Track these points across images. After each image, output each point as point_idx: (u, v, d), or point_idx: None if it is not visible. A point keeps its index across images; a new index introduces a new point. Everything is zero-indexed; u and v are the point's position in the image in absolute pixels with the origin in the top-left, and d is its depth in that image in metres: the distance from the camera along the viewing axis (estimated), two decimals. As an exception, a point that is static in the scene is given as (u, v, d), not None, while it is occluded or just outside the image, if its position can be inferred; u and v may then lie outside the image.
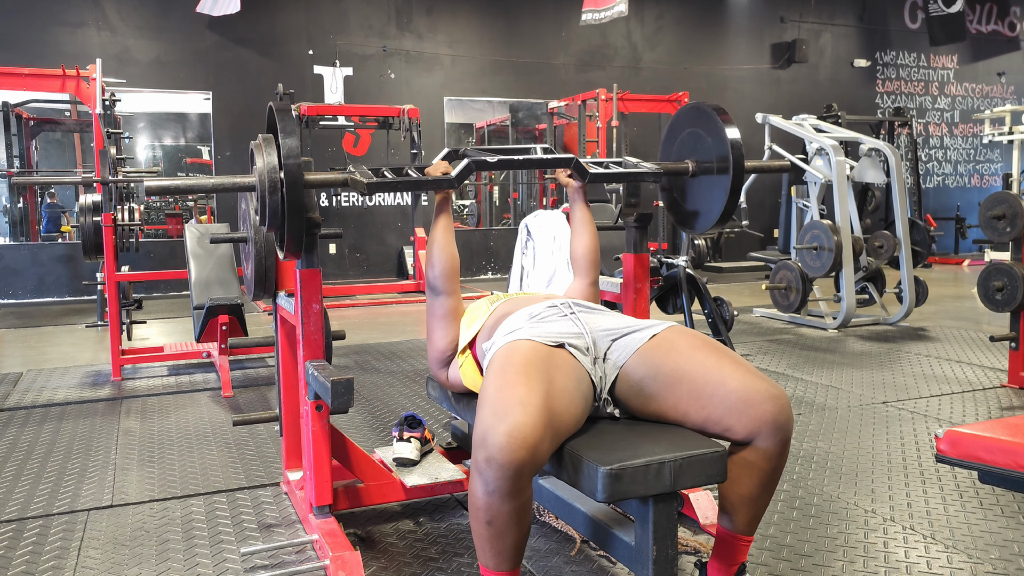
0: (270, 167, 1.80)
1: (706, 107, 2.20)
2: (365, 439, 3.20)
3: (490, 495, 1.46)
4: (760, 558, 2.10)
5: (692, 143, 2.25)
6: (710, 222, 2.21)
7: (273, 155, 1.81)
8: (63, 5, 8.21)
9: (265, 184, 1.79)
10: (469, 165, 1.99)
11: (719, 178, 2.14)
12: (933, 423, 3.33)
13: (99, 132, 4.48)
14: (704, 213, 2.24)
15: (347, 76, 9.27)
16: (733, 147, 2.09)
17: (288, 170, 1.79)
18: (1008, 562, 2.08)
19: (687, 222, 2.34)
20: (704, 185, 2.22)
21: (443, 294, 2.03)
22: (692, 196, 2.29)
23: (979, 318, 6.11)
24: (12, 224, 9.32)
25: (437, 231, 2.07)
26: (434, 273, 2.04)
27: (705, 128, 2.20)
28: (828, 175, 5.62)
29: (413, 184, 2.02)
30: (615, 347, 1.77)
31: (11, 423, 3.55)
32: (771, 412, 1.56)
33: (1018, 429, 1.72)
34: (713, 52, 11.11)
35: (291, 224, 1.82)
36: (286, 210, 1.81)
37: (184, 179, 1.86)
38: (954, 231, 11.80)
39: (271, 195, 1.80)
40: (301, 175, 1.80)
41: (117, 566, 2.12)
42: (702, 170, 2.21)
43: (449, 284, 2.03)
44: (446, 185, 2.00)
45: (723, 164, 2.13)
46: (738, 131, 2.12)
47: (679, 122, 2.32)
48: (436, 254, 2.04)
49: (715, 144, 2.15)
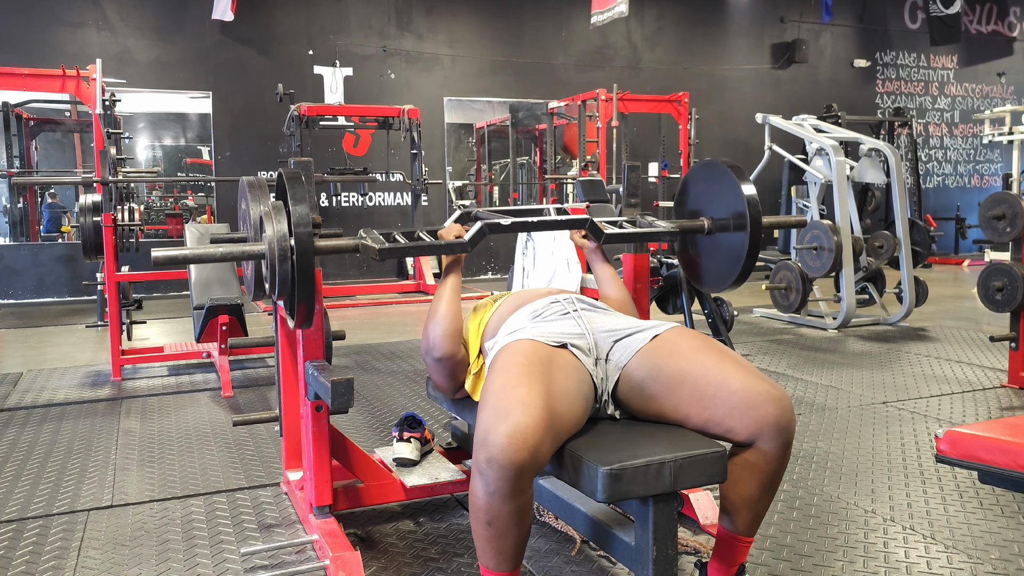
0: (280, 235, 1.75)
1: (720, 163, 2.13)
2: (365, 439, 3.20)
3: (491, 496, 1.45)
4: (760, 558, 2.10)
5: (707, 200, 2.18)
6: (728, 281, 2.13)
7: (283, 223, 1.77)
8: (63, 5, 8.21)
9: (275, 253, 1.75)
10: (482, 229, 1.95)
11: (736, 235, 2.07)
12: (933, 423, 3.33)
13: (99, 132, 4.48)
14: (722, 272, 2.15)
15: (347, 76, 9.27)
16: (750, 204, 2.02)
17: (299, 238, 1.74)
18: (1008, 562, 2.08)
19: (704, 281, 2.25)
20: (721, 243, 2.14)
21: (445, 357, 1.93)
22: (708, 254, 2.21)
23: (979, 318, 6.11)
24: (12, 224, 9.32)
25: (445, 292, 1.98)
26: (436, 333, 1.93)
27: (720, 185, 2.12)
28: (828, 175, 5.62)
29: (426, 248, 1.96)
30: (617, 348, 1.77)
31: (11, 423, 3.55)
32: (773, 414, 1.56)
33: (1018, 429, 1.72)
34: (713, 52, 11.11)
35: (302, 293, 1.79)
36: (297, 280, 1.77)
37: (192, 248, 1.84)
38: (954, 231, 11.80)
39: (281, 264, 1.75)
40: (312, 244, 1.75)
41: (117, 566, 2.12)
42: (718, 227, 2.13)
43: (451, 345, 1.93)
44: (459, 249, 1.95)
45: (740, 221, 2.05)
46: (754, 187, 2.05)
47: (693, 178, 2.25)
48: (442, 314, 1.93)
49: (731, 201, 2.08)
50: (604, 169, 7.88)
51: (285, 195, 1.82)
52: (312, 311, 1.85)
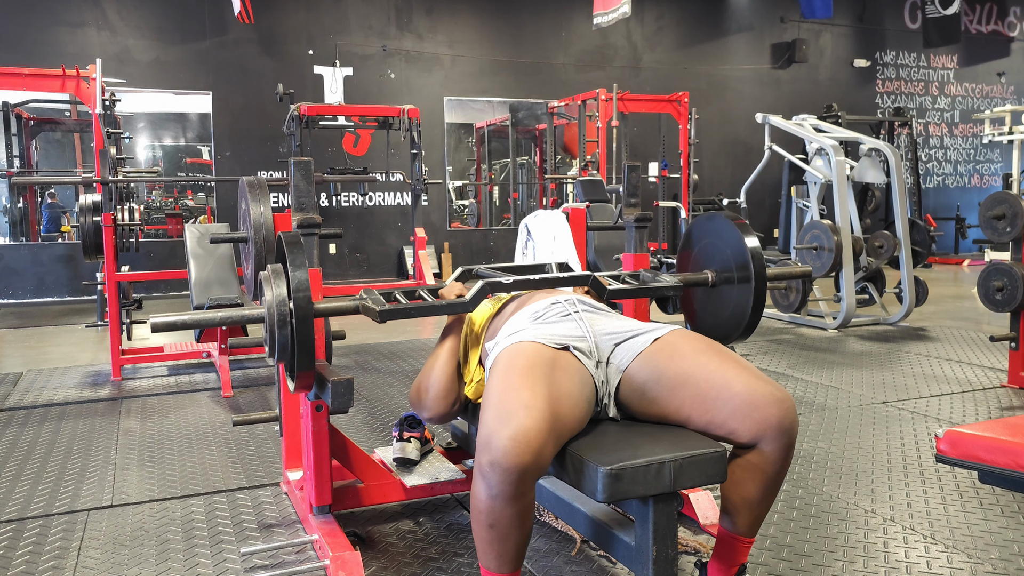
0: (279, 300, 1.76)
1: (722, 217, 2.13)
2: (365, 439, 3.20)
3: (493, 499, 1.45)
4: (760, 558, 2.10)
5: (710, 253, 2.17)
6: (735, 335, 2.12)
7: (283, 287, 1.78)
8: (63, 5, 8.21)
9: (274, 317, 1.76)
10: (484, 287, 1.94)
11: (741, 288, 2.06)
12: (933, 423, 3.33)
13: (99, 132, 4.48)
14: (727, 325, 2.14)
15: (347, 76, 9.27)
16: (754, 258, 2.01)
17: (297, 303, 1.76)
18: (1008, 562, 2.08)
19: (709, 334, 2.21)
20: (725, 296, 2.14)
21: (434, 418, 2.01)
22: (713, 308, 2.20)
23: (979, 318, 6.11)
24: (12, 224, 9.32)
25: (443, 352, 2.01)
26: (430, 395, 1.99)
27: (723, 238, 2.12)
28: (828, 175, 5.62)
29: (427, 310, 1.96)
30: (618, 351, 1.76)
31: (11, 423, 3.55)
32: (776, 416, 1.56)
33: (1018, 429, 1.72)
34: (713, 52, 11.11)
35: (300, 357, 1.80)
36: (296, 345, 1.78)
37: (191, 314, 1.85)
38: (954, 231, 11.81)
39: (280, 329, 1.77)
40: (311, 310, 1.77)
41: (117, 566, 2.12)
42: (722, 280, 2.13)
43: (443, 406, 1.99)
44: (460, 310, 1.96)
45: (744, 274, 2.04)
46: (757, 240, 2.04)
47: (696, 232, 2.25)
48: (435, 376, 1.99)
49: (734, 254, 2.08)
50: (604, 169, 7.88)
51: (284, 259, 1.83)
52: (312, 375, 1.86)
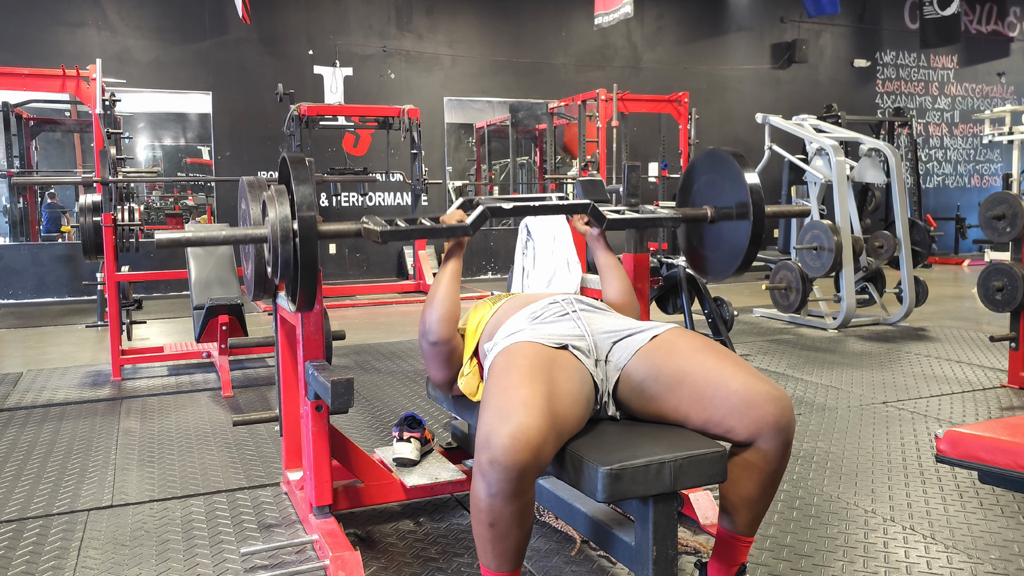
0: (283, 218, 1.77)
1: (723, 152, 2.14)
2: (365, 439, 3.20)
3: (493, 497, 1.45)
4: (760, 558, 2.10)
5: (710, 190, 2.18)
6: (731, 270, 2.13)
7: (286, 206, 1.78)
8: (63, 5, 8.21)
9: (278, 235, 1.76)
10: (484, 212, 1.96)
11: (739, 224, 2.07)
12: (933, 423, 3.33)
13: (99, 132, 4.48)
14: (725, 260, 2.16)
15: (347, 76, 9.27)
16: (753, 192, 2.02)
17: (302, 221, 1.76)
18: (1008, 562, 2.08)
19: (707, 269, 2.26)
20: (724, 232, 2.14)
21: (440, 342, 1.95)
22: (712, 243, 2.21)
23: (979, 318, 6.11)
24: (12, 224, 9.32)
25: (445, 276, 1.99)
26: (433, 317, 1.95)
27: (723, 174, 2.13)
28: (828, 175, 5.61)
29: (428, 231, 1.97)
30: (616, 349, 1.77)
31: (11, 423, 3.55)
32: (773, 414, 1.56)
33: (1018, 429, 1.72)
34: (713, 52, 11.10)
35: (304, 276, 1.80)
36: (299, 263, 1.78)
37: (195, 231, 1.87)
38: (954, 231, 11.80)
39: (283, 246, 1.77)
40: (315, 227, 1.77)
41: (117, 566, 2.12)
42: (721, 216, 2.14)
43: (448, 329, 1.95)
44: (461, 233, 1.96)
45: (743, 210, 2.06)
46: (757, 176, 2.05)
47: (696, 168, 2.25)
48: (439, 298, 1.96)
49: (734, 190, 2.08)
50: (604, 169, 7.88)
51: (289, 179, 1.83)
52: (313, 295, 1.86)
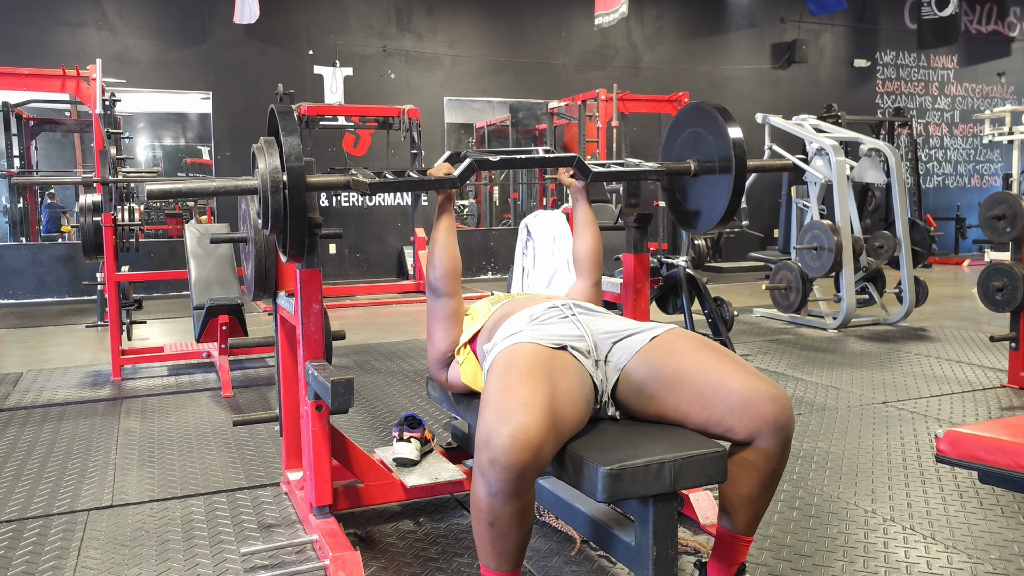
0: (272, 169, 1.80)
1: (707, 106, 2.17)
2: (365, 439, 3.20)
3: (493, 497, 1.45)
4: (760, 558, 2.10)
5: (694, 143, 2.23)
6: (712, 222, 2.18)
7: (275, 157, 1.81)
8: (63, 5, 8.21)
9: (267, 186, 1.79)
10: (471, 164, 1.99)
11: (722, 177, 2.12)
12: (933, 423, 3.33)
13: (99, 132, 4.48)
14: (706, 213, 2.21)
15: (347, 76, 9.27)
16: (735, 146, 2.06)
17: (291, 171, 1.78)
18: (1008, 562, 2.08)
19: (689, 222, 2.31)
20: (706, 185, 2.19)
21: (444, 295, 2.02)
22: (694, 196, 2.26)
23: (979, 318, 6.11)
24: (12, 224, 9.32)
25: (439, 232, 2.05)
26: (435, 274, 2.03)
27: (707, 127, 2.17)
28: (828, 175, 5.61)
29: (416, 184, 2.02)
30: (616, 349, 1.77)
31: (11, 423, 3.55)
32: (772, 412, 1.56)
33: (1018, 429, 1.72)
34: (713, 52, 11.11)
35: (293, 226, 1.82)
36: (288, 212, 1.80)
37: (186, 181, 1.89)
38: (954, 231, 11.80)
39: (273, 196, 1.80)
40: (303, 176, 1.80)
41: (117, 566, 2.12)
42: (704, 170, 2.19)
43: (450, 285, 2.02)
44: (448, 185, 1.99)
45: (725, 163, 2.10)
46: (740, 130, 2.10)
47: (680, 122, 2.30)
48: (438, 255, 2.03)
49: (717, 143, 2.13)
50: (604, 169, 7.86)
51: (277, 131, 1.84)
52: (303, 244, 1.88)
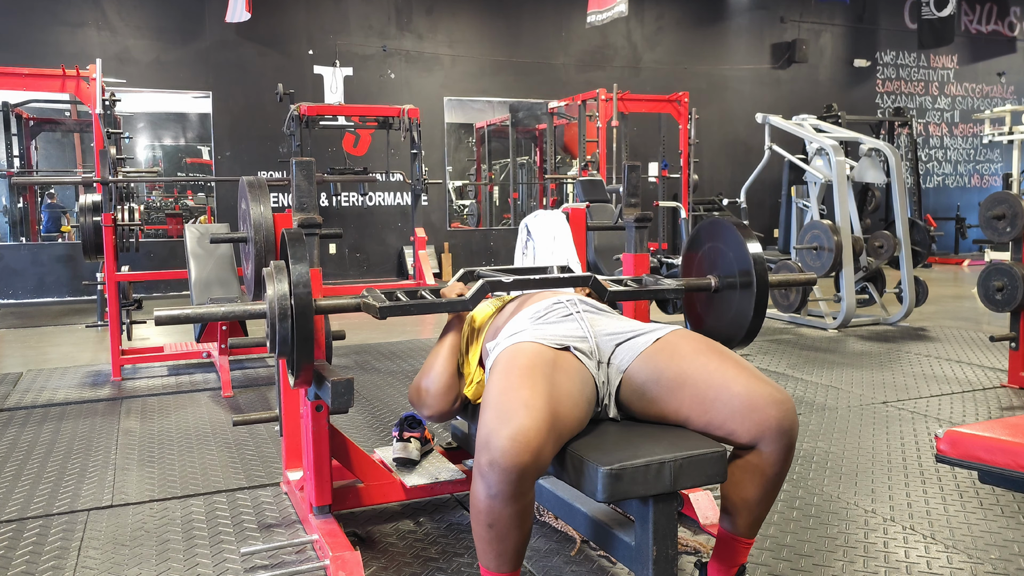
0: (280, 295, 1.79)
1: (726, 223, 2.14)
2: (365, 439, 3.20)
3: (492, 498, 1.45)
4: (760, 558, 2.10)
5: (713, 258, 2.18)
6: (736, 339, 2.12)
7: (284, 283, 1.80)
8: (63, 5, 8.21)
9: (275, 311, 1.78)
10: (484, 286, 1.97)
11: (743, 293, 2.07)
12: (933, 423, 3.33)
13: (99, 132, 4.48)
14: (728, 330, 2.15)
15: (347, 76, 9.27)
16: (756, 262, 2.02)
17: (298, 299, 1.78)
18: (1008, 562, 2.08)
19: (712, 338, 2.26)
20: (727, 301, 2.14)
21: (435, 416, 2.02)
22: (716, 313, 2.20)
23: (979, 318, 6.11)
24: (12, 224, 9.32)
25: (444, 349, 2.02)
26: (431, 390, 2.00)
27: (725, 243, 2.13)
28: (828, 175, 5.61)
29: (427, 307, 1.98)
30: (619, 351, 1.76)
31: (11, 423, 3.55)
32: (775, 417, 1.55)
33: (1018, 429, 1.72)
34: (713, 52, 11.10)
35: (300, 352, 1.81)
36: (295, 339, 1.80)
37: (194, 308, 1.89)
38: (954, 231, 11.80)
39: (281, 323, 1.79)
40: (311, 306, 1.79)
41: (117, 566, 2.12)
42: (725, 285, 2.14)
43: (444, 403, 1.99)
44: (460, 308, 1.98)
45: (746, 279, 2.05)
46: (759, 245, 2.06)
47: (699, 237, 2.26)
48: (436, 371, 1.99)
49: (737, 259, 2.09)
50: (604, 169, 7.87)
51: (287, 257, 1.84)
52: (313, 370, 1.88)
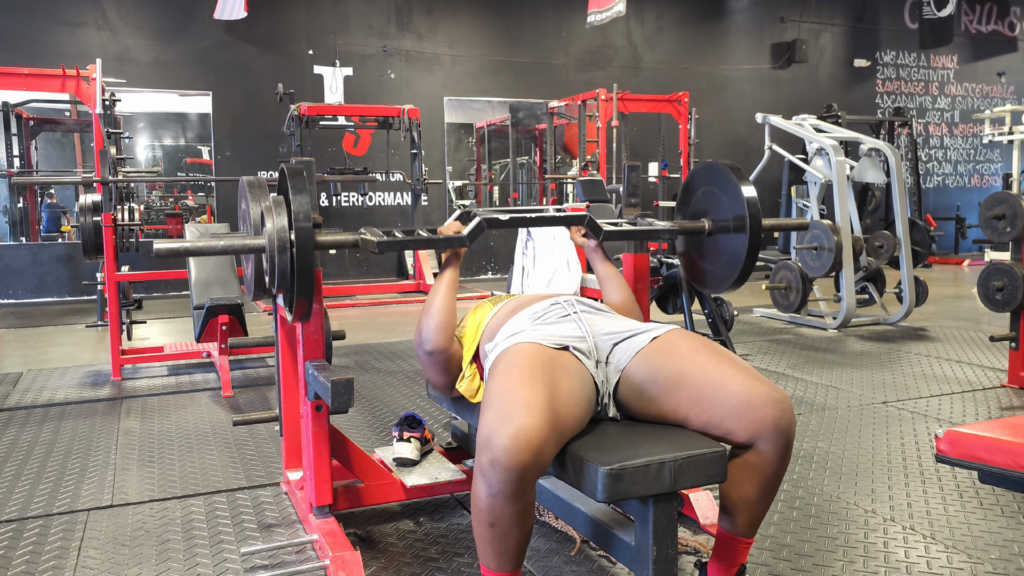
0: (280, 228, 1.78)
1: (721, 165, 2.14)
2: (365, 439, 3.20)
3: (493, 497, 1.45)
4: (760, 558, 2.10)
5: (708, 202, 2.19)
6: (728, 282, 2.14)
7: (283, 216, 1.80)
8: (63, 5, 8.21)
9: (275, 246, 1.78)
10: (480, 223, 1.98)
11: (736, 237, 2.08)
12: (933, 423, 3.33)
13: (99, 132, 4.48)
14: (721, 273, 2.17)
15: (347, 76, 9.27)
16: (750, 206, 2.03)
17: (298, 232, 1.77)
18: (1008, 562, 2.08)
19: (704, 281, 2.27)
20: (721, 244, 2.15)
21: (436, 351, 1.95)
22: (710, 256, 2.22)
23: (979, 318, 6.11)
24: (12, 224, 9.32)
25: (441, 286, 1.99)
26: (429, 326, 1.95)
27: (720, 187, 2.14)
28: (828, 175, 5.61)
29: (425, 243, 1.99)
30: (617, 350, 1.76)
31: (11, 423, 3.55)
32: (772, 416, 1.56)
33: (1018, 429, 1.72)
34: (713, 52, 11.10)
35: (300, 286, 1.81)
36: (296, 273, 1.79)
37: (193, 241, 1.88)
38: (954, 231, 11.80)
39: (280, 257, 1.78)
40: (312, 238, 1.79)
41: (117, 566, 2.12)
42: (719, 229, 2.15)
43: (444, 339, 1.95)
44: (458, 244, 1.98)
45: (740, 223, 2.06)
46: (754, 188, 2.06)
47: (694, 181, 2.26)
48: (436, 307, 1.96)
49: (731, 202, 2.09)
50: (604, 169, 7.87)
51: (287, 190, 1.84)
52: (311, 305, 1.87)
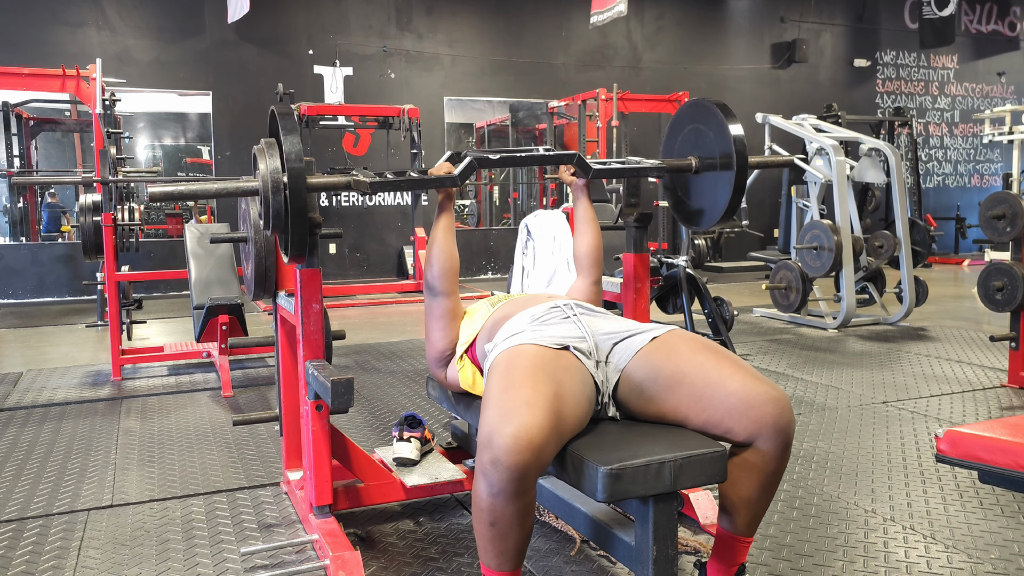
0: (273, 170, 1.80)
1: (708, 103, 2.17)
2: (365, 439, 3.20)
3: (494, 496, 1.45)
4: (760, 558, 2.10)
5: (695, 140, 2.22)
6: (714, 218, 2.18)
7: (276, 158, 1.82)
8: (63, 5, 8.21)
9: (268, 187, 1.80)
10: (471, 163, 2.00)
11: (723, 174, 2.11)
12: (933, 423, 3.33)
13: (99, 132, 4.48)
14: (708, 210, 2.21)
15: (347, 76, 9.27)
16: (736, 142, 2.06)
17: (291, 172, 1.79)
18: (1008, 562, 2.08)
19: (691, 219, 2.31)
20: (708, 181, 2.19)
21: (441, 295, 2.02)
22: (696, 193, 2.26)
23: (979, 318, 6.11)
24: (12, 224, 9.32)
25: (438, 231, 2.05)
26: (432, 273, 2.03)
27: (707, 124, 2.16)
28: (828, 175, 5.61)
29: (417, 183, 2.03)
30: (616, 350, 1.76)
31: (11, 423, 3.55)
32: (772, 414, 1.56)
33: (1018, 429, 1.72)
34: (713, 52, 11.10)
35: (294, 226, 1.83)
36: (289, 212, 1.81)
37: (188, 183, 1.88)
38: (954, 231, 11.80)
39: (274, 197, 1.80)
40: (304, 177, 1.81)
41: (117, 566, 2.12)
42: (705, 166, 2.18)
43: (447, 284, 2.02)
44: (449, 183, 2.00)
45: (726, 160, 2.10)
46: (741, 126, 2.09)
47: (681, 119, 2.29)
48: (436, 254, 2.03)
49: (718, 140, 2.12)
50: (604, 169, 7.86)
51: (278, 132, 1.85)
52: (304, 244, 1.89)
